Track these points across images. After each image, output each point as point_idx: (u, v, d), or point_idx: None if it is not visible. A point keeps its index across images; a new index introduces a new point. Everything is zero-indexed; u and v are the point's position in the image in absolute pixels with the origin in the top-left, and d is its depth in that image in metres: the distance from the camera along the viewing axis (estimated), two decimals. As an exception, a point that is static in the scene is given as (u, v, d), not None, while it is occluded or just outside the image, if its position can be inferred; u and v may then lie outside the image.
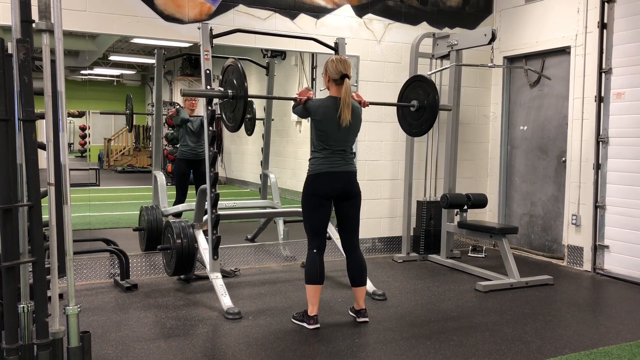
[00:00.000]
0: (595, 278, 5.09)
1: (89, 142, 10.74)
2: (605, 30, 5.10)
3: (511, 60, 6.19)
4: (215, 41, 4.23)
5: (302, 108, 3.70)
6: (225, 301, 3.88)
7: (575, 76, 5.38)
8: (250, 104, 6.51)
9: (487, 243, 6.23)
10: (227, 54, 6.21)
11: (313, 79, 7.12)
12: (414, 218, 5.80)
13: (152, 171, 5.80)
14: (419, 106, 4.40)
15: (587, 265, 5.27)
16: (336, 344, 3.33)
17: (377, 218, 5.78)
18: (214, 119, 4.14)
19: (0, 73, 2.29)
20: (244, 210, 5.82)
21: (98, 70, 9.62)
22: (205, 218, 4.30)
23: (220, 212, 4.12)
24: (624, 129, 4.98)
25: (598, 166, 5.18)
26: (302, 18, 5.25)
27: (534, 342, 3.39)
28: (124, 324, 3.62)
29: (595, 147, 5.18)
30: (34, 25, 2.49)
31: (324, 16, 5.36)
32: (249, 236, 6.10)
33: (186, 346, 3.25)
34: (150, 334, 3.45)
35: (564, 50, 5.53)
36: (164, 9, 4.70)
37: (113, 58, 9.22)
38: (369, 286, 4.33)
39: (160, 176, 5.58)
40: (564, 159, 5.56)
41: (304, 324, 3.60)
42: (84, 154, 10.80)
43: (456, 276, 5.06)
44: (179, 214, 5.39)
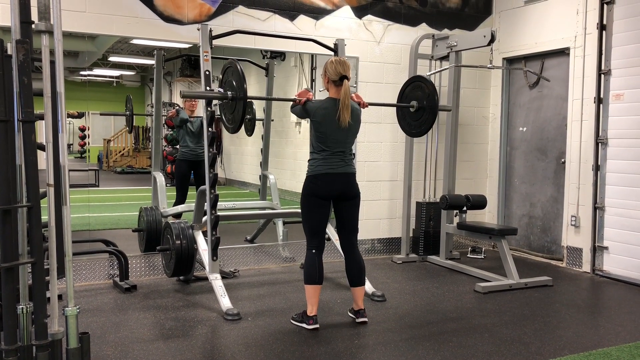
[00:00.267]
0: (594, 279, 5.09)
1: (89, 143, 10.75)
2: (604, 32, 5.11)
3: (510, 61, 6.19)
4: (215, 42, 4.23)
5: (301, 109, 3.70)
6: (225, 302, 3.88)
7: (574, 77, 5.39)
8: (250, 105, 6.51)
9: (487, 244, 6.23)
10: (227, 55, 6.21)
11: (312, 80, 7.12)
12: (413, 219, 5.80)
13: (152, 172, 5.80)
14: (418, 107, 4.40)
15: (587, 267, 5.28)
16: (335, 345, 3.33)
17: (377, 219, 5.78)
18: (214, 119, 4.14)
19: (-1, 74, 2.30)
20: (243, 211, 5.82)
21: (97, 71, 9.63)
22: (204, 219, 4.30)
23: (219, 213, 4.12)
24: (623, 130, 4.99)
25: (597, 167, 5.18)
26: (302, 19, 5.26)
27: (533, 344, 3.40)
28: (123, 325, 3.61)
29: (594, 149, 5.18)
30: (33, 26, 2.49)
31: (323, 17, 5.36)
32: (248, 237, 6.10)
33: (185, 347, 3.24)
34: (150, 335, 3.45)
35: (563, 52, 5.54)
36: (163, 10, 4.70)
37: (112, 59, 9.22)
38: (368, 287, 4.33)
39: (160, 177, 5.57)
40: (563, 160, 5.56)
41: (303, 325, 3.59)
42: (84, 155, 10.81)
43: (455, 277, 5.06)
44: (179, 215, 5.39)
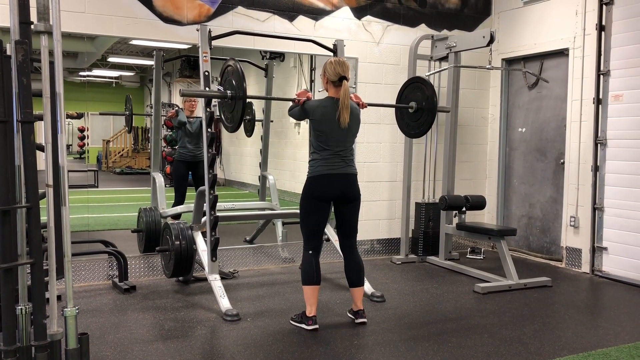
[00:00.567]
0: (593, 280, 5.09)
1: (88, 144, 10.75)
2: (603, 33, 5.11)
3: (509, 62, 6.19)
4: (214, 43, 4.23)
5: (300, 109, 3.70)
6: (224, 303, 3.88)
7: (573, 78, 5.39)
8: (249, 105, 6.51)
9: (486, 245, 6.23)
10: (226, 55, 6.21)
11: (312, 81, 7.11)
12: (412, 220, 5.80)
13: (151, 173, 5.80)
14: (417, 107, 4.40)
15: (586, 267, 5.28)
16: (334, 345, 3.33)
17: (376, 220, 5.78)
18: (213, 120, 4.14)
19: (-2, 74, 2.30)
20: (243, 212, 5.82)
21: (97, 72, 9.63)
22: (203, 220, 4.30)
23: (218, 214, 4.12)
24: (622, 131, 4.99)
25: (596, 168, 5.19)
26: (301, 20, 5.26)
27: (533, 344, 3.40)
28: (122, 325, 3.61)
29: (593, 149, 5.19)
30: (32, 26, 2.49)
31: (322, 18, 5.36)
32: (248, 238, 6.10)
33: (184, 348, 3.24)
34: (149, 335, 3.45)
35: (562, 52, 5.54)
36: (162, 10, 4.70)
37: (112, 59, 9.23)
38: (368, 288, 4.33)
39: (159, 178, 5.57)
40: (562, 160, 5.57)
41: (303, 325, 3.59)
42: (83, 156, 10.80)
43: (455, 278, 5.06)
44: (178, 215, 5.39)
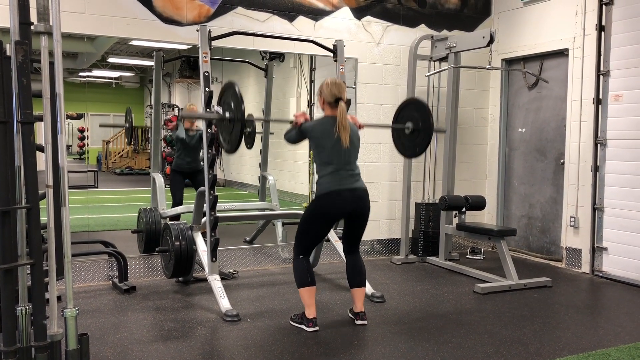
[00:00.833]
0: (593, 280, 5.09)
1: (88, 144, 10.75)
2: (603, 33, 5.11)
3: (509, 62, 6.20)
4: (214, 43, 4.23)
5: (297, 131, 3.69)
6: (224, 303, 3.88)
7: (573, 78, 5.40)
8: (249, 116, 6.48)
9: (486, 245, 6.23)
10: (226, 56, 6.24)
11: (312, 81, 7.12)
12: (412, 220, 5.80)
13: (151, 173, 5.80)
14: (413, 128, 4.38)
15: (586, 267, 5.28)
16: (335, 346, 3.33)
17: (376, 220, 5.77)
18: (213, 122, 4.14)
19: (-2, 75, 2.30)
20: (243, 213, 5.82)
21: (97, 72, 9.65)
22: (203, 220, 4.30)
23: (218, 214, 4.12)
24: (622, 131, 4.99)
25: (596, 168, 5.19)
26: (301, 20, 5.26)
27: (533, 344, 3.40)
28: (122, 326, 3.61)
29: (593, 150, 5.19)
30: (32, 27, 2.49)
31: (322, 18, 5.36)
32: (248, 238, 6.10)
33: (184, 349, 3.24)
34: (149, 336, 3.44)
35: (562, 53, 5.55)
36: (162, 11, 4.71)
37: (112, 60, 9.24)
38: (368, 288, 4.33)
39: (159, 178, 5.57)
40: (562, 161, 5.57)
41: (303, 327, 3.59)
42: (83, 156, 10.81)
43: (455, 278, 5.06)
44: (178, 216, 5.39)
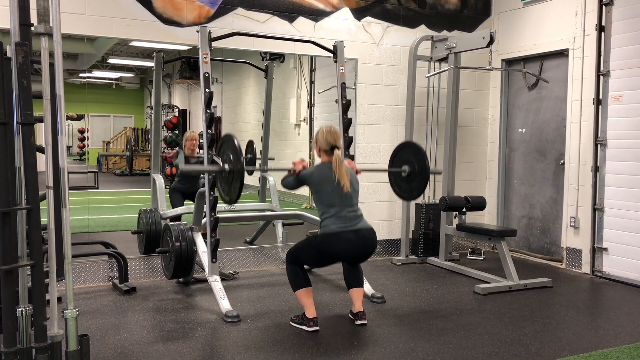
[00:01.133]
0: (593, 280, 5.09)
1: (88, 145, 10.74)
2: (603, 33, 5.11)
3: (509, 62, 6.20)
4: (214, 44, 4.23)
5: (295, 178, 3.72)
6: (224, 304, 3.88)
7: (573, 79, 5.40)
8: (250, 144, 6.52)
9: (486, 245, 6.23)
10: (226, 56, 6.24)
11: (312, 82, 7.13)
12: (412, 221, 5.80)
13: (151, 174, 5.80)
14: (410, 171, 4.42)
15: (586, 268, 5.28)
16: (335, 346, 3.33)
17: (376, 221, 5.77)
18: (213, 121, 4.14)
19: (-2, 76, 2.30)
20: (243, 213, 5.81)
21: (97, 73, 9.64)
22: (204, 221, 4.30)
23: (219, 215, 4.12)
24: (622, 132, 4.99)
25: (596, 169, 5.19)
26: (301, 21, 5.26)
27: (533, 345, 3.40)
28: (123, 327, 3.61)
29: (593, 150, 5.19)
30: (32, 28, 2.49)
31: (322, 19, 5.37)
32: (248, 239, 6.10)
33: (185, 349, 3.24)
34: (149, 337, 3.44)
35: (562, 53, 5.55)
36: (162, 12, 4.71)
37: (112, 61, 9.24)
38: (368, 289, 4.33)
39: (159, 179, 5.57)
40: (562, 161, 5.57)
41: (304, 327, 3.59)
42: (83, 157, 10.80)
43: (455, 279, 5.06)
44: (178, 217, 5.39)
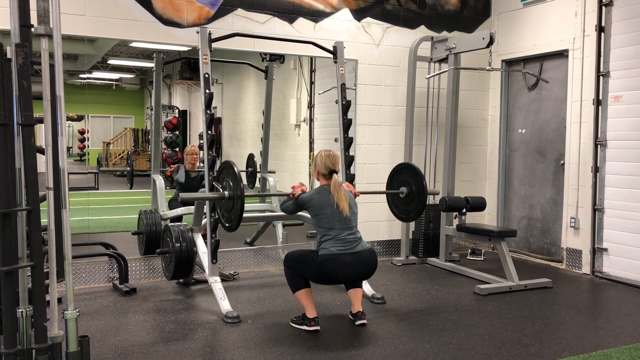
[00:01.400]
0: (594, 281, 5.09)
1: (88, 146, 10.75)
2: (603, 34, 5.12)
3: (509, 63, 6.20)
4: (214, 45, 4.24)
5: (294, 203, 3.72)
6: (224, 305, 3.88)
7: (573, 79, 5.40)
8: (251, 157, 6.52)
9: (486, 246, 6.23)
10: (226, 57, 6.24)
11: (312, 83, 7.13)
12: (412, 221, 5.80)
13: (151, 175, 5.80)
14: (408, 193, 4.44)
15: (586, 268, 5.28)
16: (335, 347, 3.33)
17: (376, 221, 5.78)
18: (213, 122, 4.15)
19: (-1, 77, 2.30)
20: (243, 214, 5.80)
21: (97, 74, 9.65)
22: (204, 222, 4.30)
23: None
24: (622, 132, 4.99)
25: (596, 169, 5.19)
26: (301, 22, 5.27)
27: (533, 345, 3.39)
28: (123, 328, 3.61)
29: (593, 150, 5.19)
30: (32, 29, 2.49)
31: (322, 20, 5.37)
32: (248, 240, 6.10)
33: (185, 350, 3.24)
34: (149, 338, 3.44)
35: (562, 54, 5.55)
36: (162, 12, 4.71)
37: (112, 62, 9.24)
38: (368, 289, 4.33)
39: (159, 180, 5.57)
40: (562, 162, 5.57)
41: (303, 327, 3.60)
42: (83, 158, 10.80)
43: (455, 279, 5.06)
44: (178, 217, 5.39)
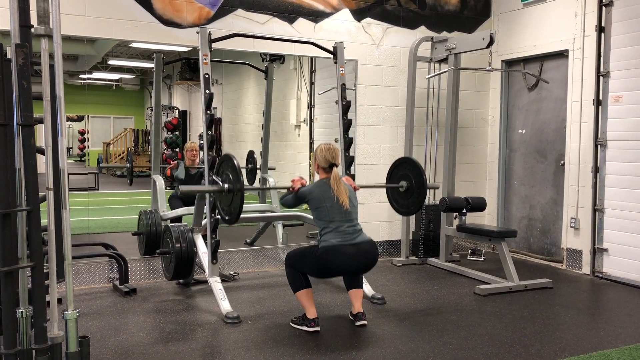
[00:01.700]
0: (594, 281, 5.09)
1: (88, 146, 10.75)
2: (603, 34, 5.12)
3: (509, 63, 6.20)
4: (214, 45, 4.24)
5: (294, 196, 3.73)
6: (224, 305, 3.88)
7: (573, 80, 5.40)
8: (251, 154, 6.52)
9: (486, 246, 6.23)
10: (226, 58, 6.24)
11: (312, 83, 7.13)
12: (413, 222, 5.80)
13: (151, 175, 5.80)
14: (407, 187, 4.44)
15: (586, 269, 5.27)
16: (335, 347, 3.33)
17: (376, 222, 5.78)
18: (213, 122, 4.15)
19: (-1, 78, 2.30)
20: (243, 214, 5.80)
21: (97, 75, 9.64)
22: (204, 222, 4.30)
23: (219, 217, 4.12)
24: (622, 132, 4.99)
25: (596, 169, 5.19)
26: (301, 22, 5.26)
27: (533, 346, 3.39)
28: (123, 328, 3.61)
29: (593, 151, 5.19)
30: (32, 30, 2.49)
31: (322, 20, 5.37)
32: (248, 240, 6.10)
33: (185, 351, 3.24)
34: (149, 338, 3.44)
35: (562, 54, 5.55)
36: (162, 13, 4.71)
37: (112, 62, 9.24)
38: (368, 290, 4.33)
39: (159, 180, 5.57)
40: (562, 162, 5.57)
41: (304, 328, 3.59)
42: (83, 158, 10.80)
43: (455, 280, 5.06)
44: (178, 218, 5.38)
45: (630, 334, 3.65)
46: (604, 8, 5.10)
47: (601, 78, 5.14)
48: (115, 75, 10.11)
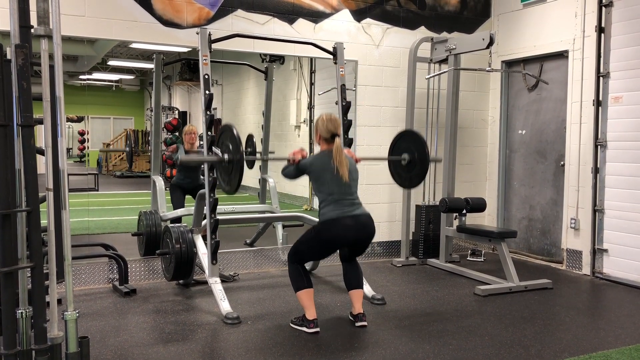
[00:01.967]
0: (594, 282, 5.09)
1: (88, 147, 10.74)
2: (602, 34, 5.12)
3: (509, 64, 6.20)
4: (214, 46, 4.23)
5: (295, 168, 3.72)
6: (224, 306, 3.88)
7: (573, 80, 5.40)
8: (250, 138, 6.51)
9: (486, 247, 6.23)
10: (226, 58, 6.24)
11: (312, 83, 7.13)
12: (412, 222, 5.80)
13: (151, 176, 5.80)
14: (409, 159, 4.42)
15: (586, 269, 5.27)
16: (335, 348, 3.33)
17: (376, 222, 5.68)
18: (213, 123, 4.14)
19: (-2, 78, 2.30)
20: (243, 215, 5.81)
21: (97, 75, 9.64)
22: (204, 223, 4.30)
23: (219, 217, 4.12)
24: (622, 133, 4.99)
25: (596, 170, 5.19)
26: (301, 23, 5.27)
27: (533, 346, 3.39)
28: (123, 329, 3.61)
29: (593, 151, 5.19)
30: (32, 30, 2.49)
31: (322, 21, 5.37)
32: (248, 241, 6.10)
33: (185, 351, 3.24)
34: (149, 339, 3.44)
35: (562, 54, 5.55)
36: (162, 13, 4.71)
37: (112, 63, 9.23)
38: (368, 290, 4.33)
39: (159, 181, 5.57)
40: (562, 162, 5.57)
41: (304, 328, 3.59)
42: (83, 159, 10.80)
43: (455, 280, 5.06)
44: (178, 218, 5.38)
45: (630, 334, 3.65)
46: (604, 8, 5.10)
47: (601, 78, 5.14)
48: (115, 76, 10.10)
